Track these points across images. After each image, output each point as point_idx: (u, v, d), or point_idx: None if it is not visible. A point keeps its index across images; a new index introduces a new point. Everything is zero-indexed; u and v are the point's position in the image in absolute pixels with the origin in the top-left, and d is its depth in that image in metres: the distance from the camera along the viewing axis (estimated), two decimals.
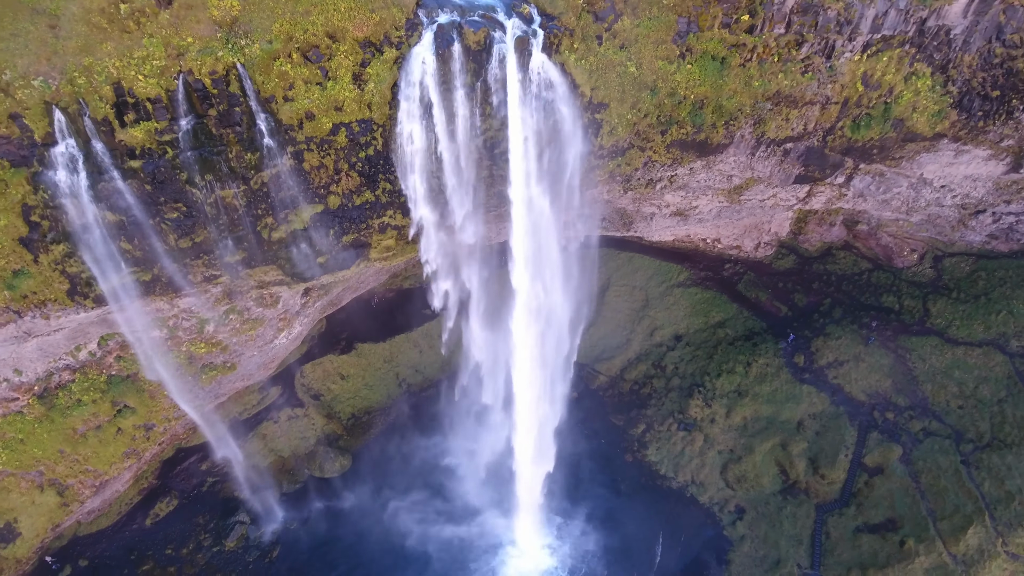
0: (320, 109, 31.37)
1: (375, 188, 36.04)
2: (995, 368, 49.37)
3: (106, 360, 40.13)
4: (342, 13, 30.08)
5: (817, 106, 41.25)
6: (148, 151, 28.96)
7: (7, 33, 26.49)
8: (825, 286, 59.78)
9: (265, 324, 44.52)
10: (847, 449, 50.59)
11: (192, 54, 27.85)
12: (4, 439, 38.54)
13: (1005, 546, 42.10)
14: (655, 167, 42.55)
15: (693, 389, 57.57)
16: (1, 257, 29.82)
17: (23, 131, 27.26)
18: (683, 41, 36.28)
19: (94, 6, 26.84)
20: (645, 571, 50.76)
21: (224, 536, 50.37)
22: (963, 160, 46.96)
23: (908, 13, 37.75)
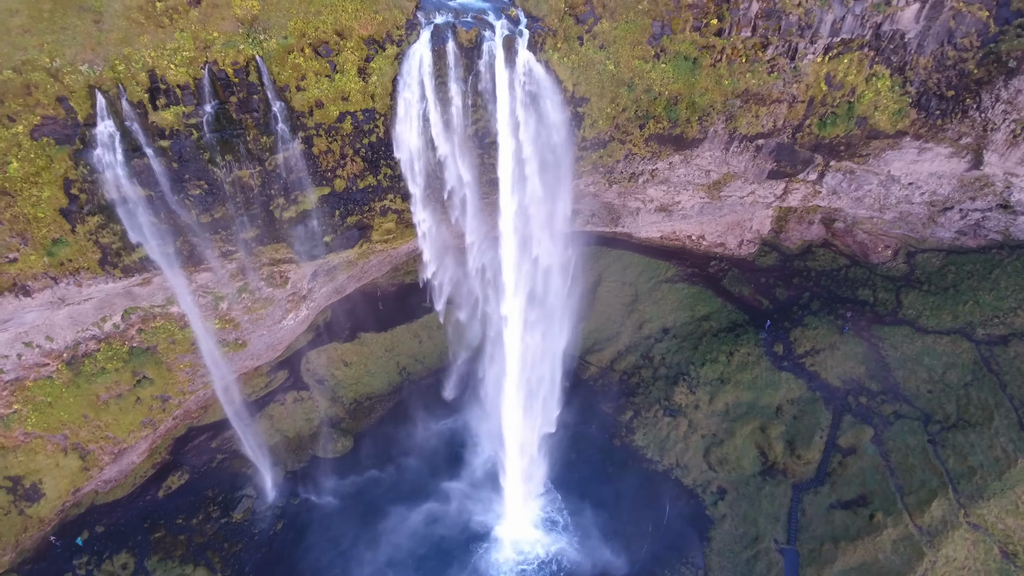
0: (328, 98, 35.16)
1: (377, 173, 39.70)
2: (962, 354, 52.07)
3: (129, 332, 43.64)
4: (349, 13, 33.99)
5: (785, 104, 44.81)
6: (176, 132, 32.75)
7: (57, 27, 30.50)
8: (805, 281, 62.86)
9: (274, 304, 48.00)
10: (822, 431, 53.22)
11: (217, 47, 31.74)
12: (35, 402, 41.99)
13: (967, 517, 44.48)
14: (635, 160, 46.11)
15: (678, 378, 60.43)
16: (43, 226, 33.52)
17: (68, 112, 31.11)
18: (657, 43, 40.04)
19: (133, 3, 30.83)
20: (629, 548, 53.16)
21: (232, 508, 53.26)
22: (926, 157, 50.29)
23: (864, 18, 41.44)
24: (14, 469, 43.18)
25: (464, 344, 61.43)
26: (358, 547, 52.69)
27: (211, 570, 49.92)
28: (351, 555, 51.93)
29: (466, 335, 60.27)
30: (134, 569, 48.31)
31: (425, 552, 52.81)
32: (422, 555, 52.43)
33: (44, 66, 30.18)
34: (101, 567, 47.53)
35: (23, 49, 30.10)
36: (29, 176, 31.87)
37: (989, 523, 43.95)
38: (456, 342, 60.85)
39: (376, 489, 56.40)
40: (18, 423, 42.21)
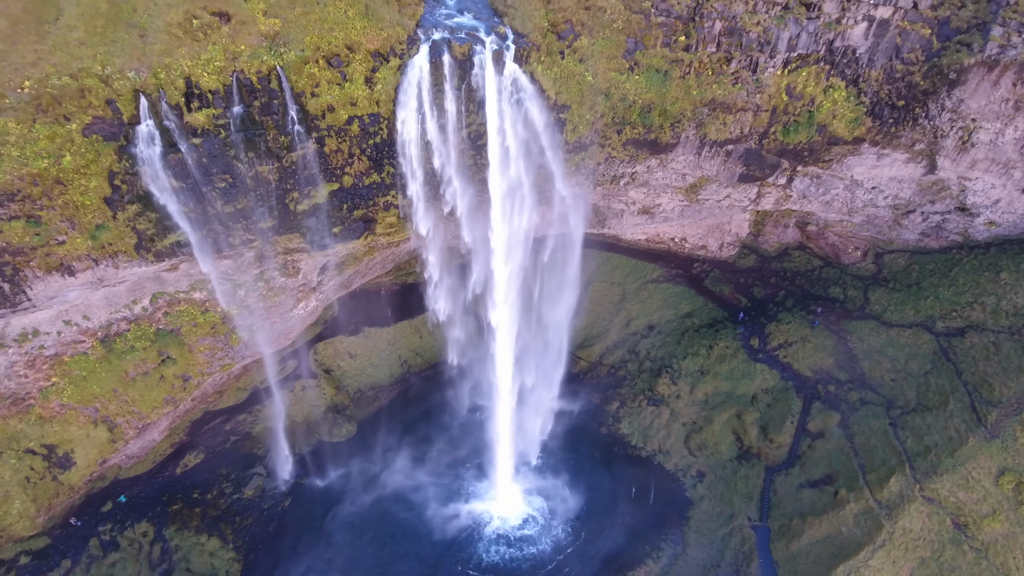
0: (339, 104, 40.05)
1: (381, 171, 44.50)
2: (923, 346, 55.95)
3: (156, 315, 48.30)
4: (358, 30, 39.05)
5: (750, 112, 49.53)
6: (207, 131, 37.66)
7: (109, 40, 35.63)
8: (781, 281, 67.07)
9: (287, 293, 52.62)
10: (793, 418, 57.04)
11: (244, 58, 36.77)
12: (70, 376, 46.56)
13: (922, 491, 48.02)
14: (615, 162, 50.82)
15: (662, 370, 64.46)
16: (89, 212, 38.37)
17: (115, 113, 36.08)
18: (631, 57, 44.97)
19: (173, 20, 35.97)
20: (614, 526, 56.77)
21: (243, 485, 57.35)
22: (885, 163, 54.75)
23: (817, 35, 46.31)
24: (49, 438, 47.60)
25: (457, 344, 65.64)
26: (360, 523, 56.57)
27: (223, 540, 53.89)
28: (354, 530, 55.78)
29: (458, 335, 64.60)
30: (153, 537, 52.36)
31: (422, 525, 56.58)
32: (420, 528, 56.19)
33: (96, 73, 35.20)
34: (124, 534, 51.61)
35: (79, 59, 35.19)
36: (79, 168, 36.79)
37: (942, 496, 47.48)
38: (450, 341, 65.05)
39: (377, 471, 60.38)
40: (55, 395, 46.77)
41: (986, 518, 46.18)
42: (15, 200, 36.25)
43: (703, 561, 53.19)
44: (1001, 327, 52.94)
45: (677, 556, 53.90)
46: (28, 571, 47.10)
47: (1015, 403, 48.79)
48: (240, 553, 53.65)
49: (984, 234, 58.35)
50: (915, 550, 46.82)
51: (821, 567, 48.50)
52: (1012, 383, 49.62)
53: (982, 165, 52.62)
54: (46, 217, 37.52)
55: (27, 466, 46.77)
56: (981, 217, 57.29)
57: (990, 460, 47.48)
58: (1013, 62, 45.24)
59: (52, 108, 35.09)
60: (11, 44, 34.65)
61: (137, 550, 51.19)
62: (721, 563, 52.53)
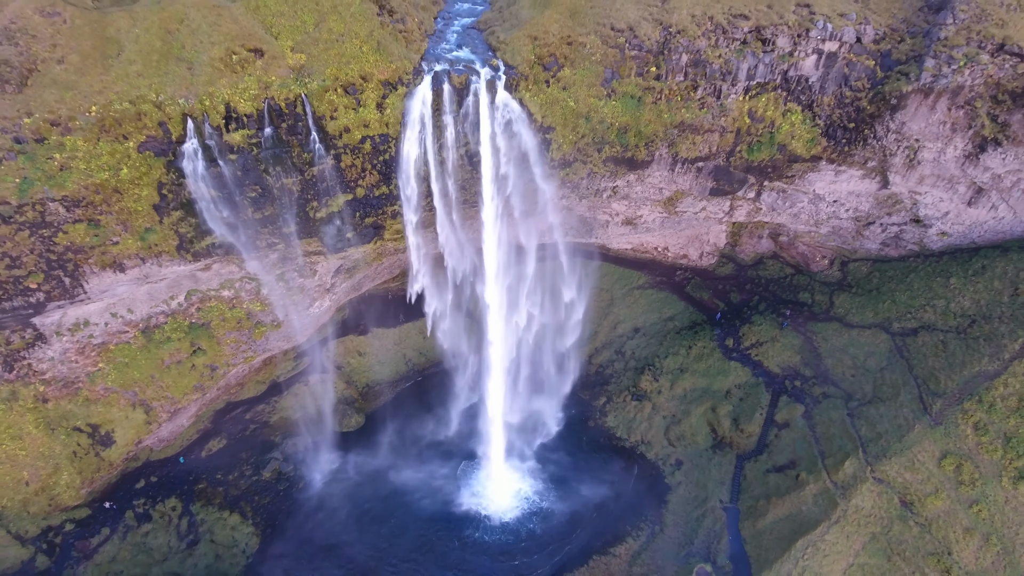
0: (354, 125, 46.56)
1: (389, 184, 50.89)
2: (880, 344, 61.31)
3: (189, 310, 54.63)
4: (371, 63, 45.68)
5: (716, 133, 55.73)
6: (241, 149, 44.23)
7: (162, 72, 42.41)
8: (756, 287, 72.76)
9: (304, 293, 58.88)
10: (762, 410, 62.36)
11: (274, 87, 43.44)
12: (115, 362, 52.83)
13: (873, 473, 53.12)
14: (597, 177, 57.05)
15: (645, 368, 70.03)
16: (140, 217, 44.92)
17: (165, 133, 42.75)
18: (608, 85, 51.36)
19: (216, 56, 42.73)
20: (599, 509, 61.98)
21: (261, 468, 63.11)
22: (843, 179, 60.64)
23: (773, 66, 52.60)
24: (94, 418, 53.73)
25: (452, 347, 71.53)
26: (366, 504, 62.12)
27: (243, 516, 59.57)
28: (360, 510, 61.32)
29: (452, 339, 70.59)
30: (181, 511, 58.13)
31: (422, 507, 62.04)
32: (419, 509, 61.66)
33: (151, 100, 41.92)
34: (156, 508, 57.43)
35: (137, 88, 41.95)
36: (134, 179, 43.42)
37: (891, 477, 52.57)
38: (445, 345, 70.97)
39: (382, 459, 66.04)
40: (100, 379, 53.00)
41: (929, 496, 51.17)
42: (80, 206, 42.90)
43: (678, 539, 58.28)
44: (949, 327, 58.29)
45: (655, 535, 59.01)
46: (73, 536, 52.95)
47: (957, 394, 54.01)
48: (258, 528, 59.26)
49: (937, 243, 63.92)
50: (866, 526, 51.79)
51: (783, 542, 53.49)
52: (956, 376, 54.89)
53: (929, 180, 58.44)
54: (104, 221, 44.11)
55: (74, 442, 52.90)
56: (933, 228, 62.92)
57: (934, 445, 52.59)
58: (946, 89, 51.34)
59: (113, 129, 41.84)
60: (81, 75, 41.53)
61: (167, 522, 56.95)
62: (695, 540, 57.59)
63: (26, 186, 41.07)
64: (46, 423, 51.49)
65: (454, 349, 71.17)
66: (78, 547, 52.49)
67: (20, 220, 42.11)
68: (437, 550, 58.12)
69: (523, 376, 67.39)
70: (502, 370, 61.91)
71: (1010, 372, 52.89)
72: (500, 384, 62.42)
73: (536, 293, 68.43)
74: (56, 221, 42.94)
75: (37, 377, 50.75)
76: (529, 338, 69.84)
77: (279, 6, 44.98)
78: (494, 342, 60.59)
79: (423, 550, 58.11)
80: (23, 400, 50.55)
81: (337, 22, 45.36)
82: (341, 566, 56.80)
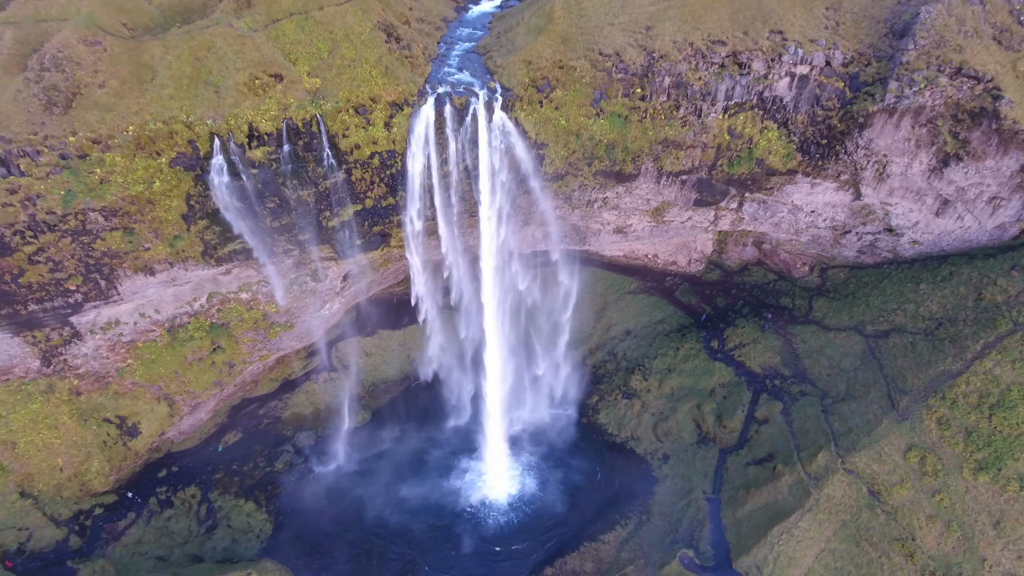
0: (364, 143, 51.12)
1: (395, 196, 55.39)
2: (854, 346, 65.30)
3: (210, 311, 59.14)
4: (380, 86, 50.26)
5: (698, 149, 60.10)
6: (262, 164, 48.81)
7: (192, 95, 47.07)
8: (741, 292, 76.93)
9: (316, 296, 63.31)
10: (744, 407, 66.38)
11: (292, 108, 48.04)
12: (142, 359, 57.34)
13: (843, 464, 56.99)
14: (588, 189, 61.45)
15: (635, 368, 74.18)
16: (170, 225, 49.52)
17: (194, 150, 47.40)
18: (597, 105, 55.83)
19: (240, 81, 47.37)
20: (590, 499, 66.04)
21: (274, 460, 67.44)
22: (818, 191, 64.88)
23: (749, 88, 56.99)
24: (122, 410, 58.19)
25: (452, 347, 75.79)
26: (373, 492, 66.34)
27: (257, 504, 63.85)
28: (367, 497, 65.53)
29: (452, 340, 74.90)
30: (200, 498, 62.47)
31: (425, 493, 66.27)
32: (423, 494, 65.88)
33: (182, 120, 46.56)
34: (177, 495, 61.79)
35: (169, 109, 46.62)
36: (165, 191, 48.06)
37: (860, 468, 56.44)
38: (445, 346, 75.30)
39: (387, 450, 70.33)
40: (129, 374, 57.49)
41: (895, 486, 55.01)
42: (117, 215, 47.55)
43: (664, 527, 62.21)
44: (918, 329, 62.27)
45: (642, 523, 62.97)
46: (102, 520, 57.31)
47: (923, 391, 57.94)
48: (271, 515, 63.53)
49: (910, 251, 68.01)
50: (837, 514, 55.63)
51: (760, 529, 57.36)
52: (922, 375, 58.84)
53: (898, 192, 62.63)
54: (138, 229, 48.76)
55: (104, 432, 57.37)
56: (905, 237, 67.03)
57: (900, 438, 56.45)
58: (908, 109, 55.65)
59: (148, 146, 46.53)
60: (120, 98, 46.27)
61: (187, 508, 61.28)
62: (679, 528, 61.52)
63: (70, 198, 45.75)
64: (79, 414, 55.99)
65: (454, 350, 75.44)
66: (107, 529, 56.80)
67: (64, 228, 46.79)
68: (439, 534, 62.28)
69: (519, 375, 71.51)
70: (499, 369, 66.13)
71: (972, 371, 56.74)
72: (497, 382, 66.64)
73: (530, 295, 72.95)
74: (95, 229, 47.59)
75: (72, 372, 55.29)
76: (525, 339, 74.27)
77: (297, 35, 49.66)
78: (491, 342, 64.87)
79: (426, 534, 62.28)
80: (59, 393, 55.09)
81: (349, 49, 50.02)
82: (348, 550, 60.95)
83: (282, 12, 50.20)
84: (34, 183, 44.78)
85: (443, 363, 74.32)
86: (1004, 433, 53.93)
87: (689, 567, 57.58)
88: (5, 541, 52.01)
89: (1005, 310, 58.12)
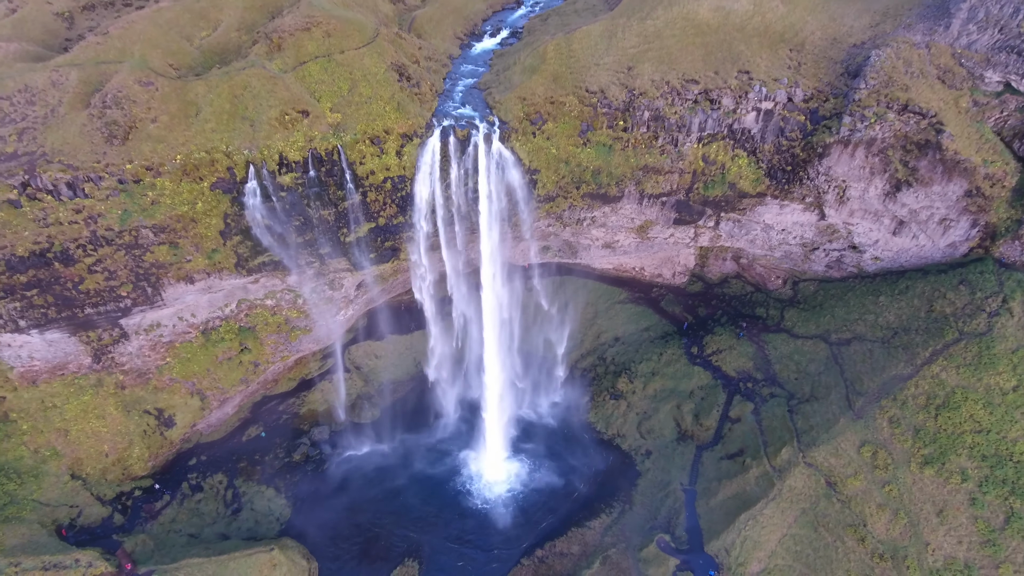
0: (378, 169, 58.35)
1: (405, 215, 62.55)
2: (820, 353, 71.77)
3: (239, 316, 66.36)
4: (392, 119, 57.57)
5: (676, 174, 67.09)
6: (290, 188, 56.10)
7: (231, 129, 54.48)
8: (720, 302, 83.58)
9: (332, 303, 70.48)
10: (719, 407, 72.86)
11: (317, 139, 55.38)
12: (179, 357, 64.55)
13: (804, 458, 63.30)
14: (577, 209, 68.49)
15: (622, 371, 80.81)
16: (209, 240, 56.83)
17: (232, 176, 54.76)
18: (584, 135, 62.97)
19: (272, 116, 54.75)
20: (579, 490, 72.55)
21: (292, 452, 74.29)
22: (787, 211, 71.67)
23: (720, 121, 64.01)
24: (160, 403, 65.35)
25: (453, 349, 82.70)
26: (381, 481, 73.06)
27: (277, 491, 70.63)
28: (376, 486, 72.26)
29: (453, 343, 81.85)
30: (227, 484, 69.40)
31: (428, 482, 72.94)
32: (426, 483, 72.56)
33: (222, 150, 53.99)
34: (206, 481, 68.74)
35: (211, 141, 54.05)
36: (206, 211, 55.40)
37: (819, 462, 62.75)
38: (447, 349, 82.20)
39: (394, 444, 77.14)
40: (167, 371, 64.71)
41: (850, 478, 61.26)
42: (164, 231, 54.93)
43: (644, 515, 68.60)
44: (876, 338, 68.71)
45: (625, 511, 69.41)
46: (141, 500, 64.30)
47: (876, 393, 64.31)
48: (290, 501, 70.29)
49: (872, 266, 74.53)
50: (797, 502, 61.90)
51: (729, 516, 63.63)
52: (877, 378, 65.24)
53: (858, 214, 69.31)
54: (182, 243, 56.10)
55: (144, 423, 64.51)
56: (867, 253, 73.59)
57: (855, 435, 62.78)
58: (861, 140, 62.48)
59: (192, 172, 53.94)
60: (169, 131, 53.77)
61: (215, 493, 68.21)
62: (658, 516, 67.89)
63: (126, 216, 53.17)
64: (123, 406, 63.20)
65: (455, 352, 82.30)
66: (145, 509, 63.80)
67: (119, 242, 54.19)
68: (441, 519, 68.90)
69: (516, 376, 78.29)
70: (497, 370, 72.96)
71: (921, 375, 63.11)
72: (496, 382, 73.44)
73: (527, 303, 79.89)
74: (146, 243, 54.97)
75: (118, 368, 62.54)
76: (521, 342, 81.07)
77: (321, 75, 57.13)
78: (490, 345, 71.74)
79: (429, 518, 68.89)
80: (106, 387, 62.33)
81: (366, 88, 57.42)
82: (358, 532, 67.58)
83: (308, 55, 57.68)
84: (96, 204, 52.23)
85: (445, 365, 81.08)
86: (948, 431, 60.21)
87: (665, 550, 63.91)
88: (59, 516, 59.08)
89: (952, 321, 64.48)
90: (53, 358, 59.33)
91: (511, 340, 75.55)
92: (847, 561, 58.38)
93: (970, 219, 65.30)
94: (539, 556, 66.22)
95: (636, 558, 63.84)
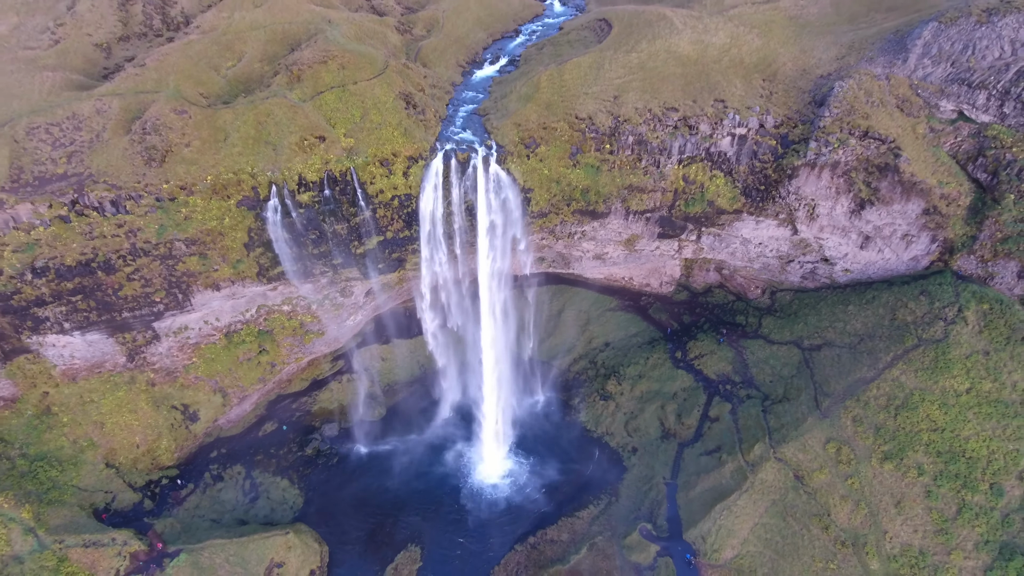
0: (386, 188, 64.61)
1: (410, 229, 68.82)
2: (793, 357, 77.53)
3: (258, 320, 72.63)
4: (400, 143, 63.88)
5: (658, 192, 73.19)
6: (307, 205, 62.41)
7: (255, 152, 60.90)
8: (704, 310, 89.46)
9: (343, 309, 76.70)
10: (700, 407, 78.61)
11: (332, 162, 61.71)
12: (204, 357, 70.80)
13: (775, 454, 68.96)
14: (568, 224, 74.65)
15: (611, 374, 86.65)
16: (234, 252, 63.16)
17: (255, 194, 61.13)
18: (574, 158, 69.17)
19: (293, 141, 61.15)
20: (569, 482, 78.22)
21: (305, 446, 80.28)
22: (763, 227, 77.64)
23: (699, 144, 70.15)
24: (186, 399, 71.56)
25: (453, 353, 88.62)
26: (386, 474, 78.93)
27: (291, 482, 76.61)
28: (382, 478, 78.15)
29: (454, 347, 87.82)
30: (244, 475, 75.43)
31: (430, 475, 78.76)
32: (428, 478, 78.41)
33: (248, 171, 60.38)
34: (226, 471, 74.80)
35: (238, 163, 60.46)
36: (232, 226, 61.76)
37: (788, 457, 68.43)
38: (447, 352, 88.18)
39: (398, 440, 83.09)
40: (193, 370, 70.96)
41: (816, 472, 66.89)
42: (195, 244, 61.29)
43: (629, 507, 74.27)
44: (844, 343, 74.45)
45: (611, 503, 75.09)
46: (168, 488, 70.42)
47: (842, 394, 69.99)
48: (302, 491, 76.23)
49: (843, 278, 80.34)
50: (768, 494, 67.56)
51: (706, 507, 69.28)
52: (843, 381, 70.95)
53: (828, 229, 75.22)
54: (210, 254, 62.44)
55: (172, 417, 70.71)
56: (838, 266, 79.44)
57: (821, 433, 68.44)
58: (826, 163, 68.49)
59: (221, 191, 60.33)
60: (201, 155, 60.23)
61: (235, 483, 74.26)
62: (641, 507, 73.55)
63: (162, 231, 59.57)
64: (153, 401, 69.44)
65: (455, 355, 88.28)
66: (172, 496, 69.90)
67: (155, 254, 60.56)
68: (442, 509, 74.73)
69: (512, 378, 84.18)
70: (494, 371, 78.92)
71: (882, 378, 68.80)
72: (493, 383, 79.39)
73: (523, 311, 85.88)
74: (178, 254, 61.34)
75: (149, 366, 68.82)
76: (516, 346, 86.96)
77: (336, 104, 63.53)
78: (487, 348, 77.70)
79: (430, 508, 74.70)
80: (138, 384, 68.61)
81: (376, 115, 63.81)
82: (365, 520, 73.38)
83: (325, 85, 64.15)
84: (136, 219, 58.64)
85: (446, 366, 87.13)
86: (907, 429, 65.82)
87: (647, 537, 69.62)
88: (96, 500, 65.23)
89: (912, 328, 70.19)
90: (92, 357, 65.66)
91: (507, 345, 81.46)
92: (812, 547, 63.98)
93: (929, 235, 71.09)
94: (531, 543, 71.91)
95: (621, 545, 69.54)
